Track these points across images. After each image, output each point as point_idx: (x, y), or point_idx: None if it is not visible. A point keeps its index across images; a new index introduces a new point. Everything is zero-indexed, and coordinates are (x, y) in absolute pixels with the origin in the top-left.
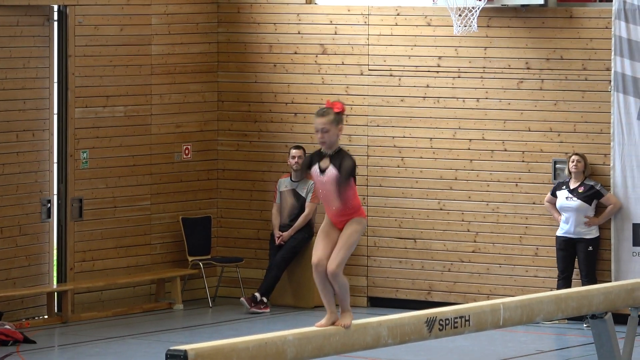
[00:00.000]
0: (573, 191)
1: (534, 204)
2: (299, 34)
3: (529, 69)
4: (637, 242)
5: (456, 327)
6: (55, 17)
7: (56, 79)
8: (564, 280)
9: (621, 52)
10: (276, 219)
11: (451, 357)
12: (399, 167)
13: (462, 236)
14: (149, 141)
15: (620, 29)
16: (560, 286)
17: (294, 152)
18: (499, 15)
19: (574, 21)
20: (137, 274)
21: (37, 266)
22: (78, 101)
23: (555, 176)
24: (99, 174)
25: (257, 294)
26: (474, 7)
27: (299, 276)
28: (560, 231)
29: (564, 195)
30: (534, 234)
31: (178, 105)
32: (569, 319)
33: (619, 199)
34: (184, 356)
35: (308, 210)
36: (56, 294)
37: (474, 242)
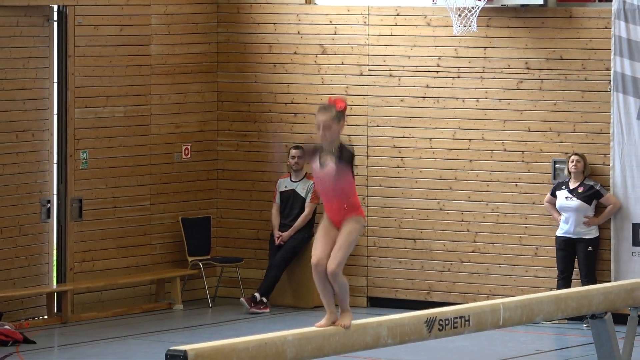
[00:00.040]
0: (573, 191)
1: (533, 204)
2: (298, 34)
3: (528, 69)
4: (636, 242)
5: (456, 327)
6: (55, 17)
7: (56, 79)
8: (564, 280)
9: (621, 52)
10: (276, 219)
11: (451, 357)
12: (398, 167)
13: (462, 236)
14: (148, 141)
15: (619, 28)
16: (560, 286)
17: (293, 152)
18: (498, 15)
19: (574, 21)
20: (137, 274)
21: (37, 266)
22: (78, 101)
23: (555, 176)
24: (98, 174)
25: (257, 294)
26: (473, 7)
27: (298, 276)
28: (560, 231)
29: (563, 195)
30: (533, 234)
31: (178, 106)
32: (569, 319)
33: (619, 199)
34: (183, 356)
35: (308, 210)
36: (56, 294)
37: (474, 242)
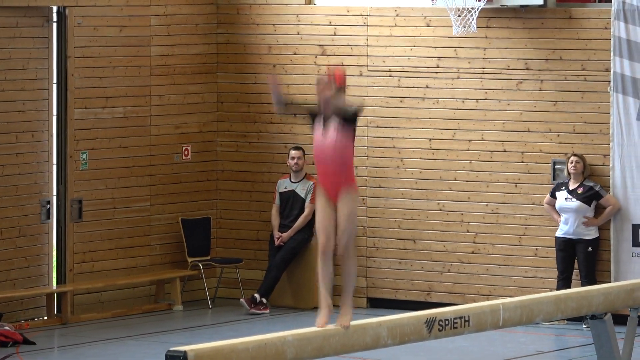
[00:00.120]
0: (572, 192)
1: (533, 204)
2: (298, 34)
3: (528, 69)
4: (636, 242)
5: (456, 328)
6: (55, 18)
7: (55, 80)
8: (564, 280)
9: (620, 53)
10: (276, 219)
11: (451, 358)
12: (398, 167)
13: (462, 237)
14: (148, 142)
15: (619, 29)
16: (560, 287)
17: (293, 152)
18: (498, 16)
19: (573, 22)
20: (137, 275)
21: (36, 267)
22: (77, 102)
23: (555, 177)
24: (98, 175)
25: (257, 295)
26: (473, 8)
27: (298, 277)
28: (560, 232)
29: (563, 196)
30: (533, 235)
31: (177, 106)
32: (569, 319)
33: (619, 199)
34: (183, 357)
35: (307, 211)
36: (56, 295)
37: (474, 242)
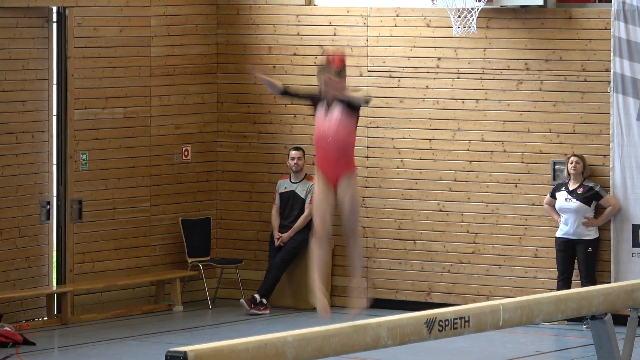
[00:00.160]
0: (572, 192)
1: (533, 205)
2: (298, 35)
3: (528, 69)
4: (636, 243)
5: (456, 328)
6: (55, 18)
7: (55, 81)
8: (564, 281)
9: (620, 53)
10: (276, 220)
11: (451, 358)
12: (398, 168)
13: (462, 237)
14: (148, 142)
15: (619, 29)
16: (560, 287)
17: (293, 153)
18: (498, 16)
19: (573, 22)
20: (137, 275)
21: (36, 268)
22: (77, 102)
23: (555, 177)
24: (98, 175)
25: (257, 296)
26: (473, 8)
27: (298, 277)
28: (560, 232)
29: (563, 197)
30: (533, 235)
31: (177, 107)
32: (569, 320)
33: (619, 200)
34: (183, 357)
35: (307, 211)
36: (56, 295)
37: (474, 243)
